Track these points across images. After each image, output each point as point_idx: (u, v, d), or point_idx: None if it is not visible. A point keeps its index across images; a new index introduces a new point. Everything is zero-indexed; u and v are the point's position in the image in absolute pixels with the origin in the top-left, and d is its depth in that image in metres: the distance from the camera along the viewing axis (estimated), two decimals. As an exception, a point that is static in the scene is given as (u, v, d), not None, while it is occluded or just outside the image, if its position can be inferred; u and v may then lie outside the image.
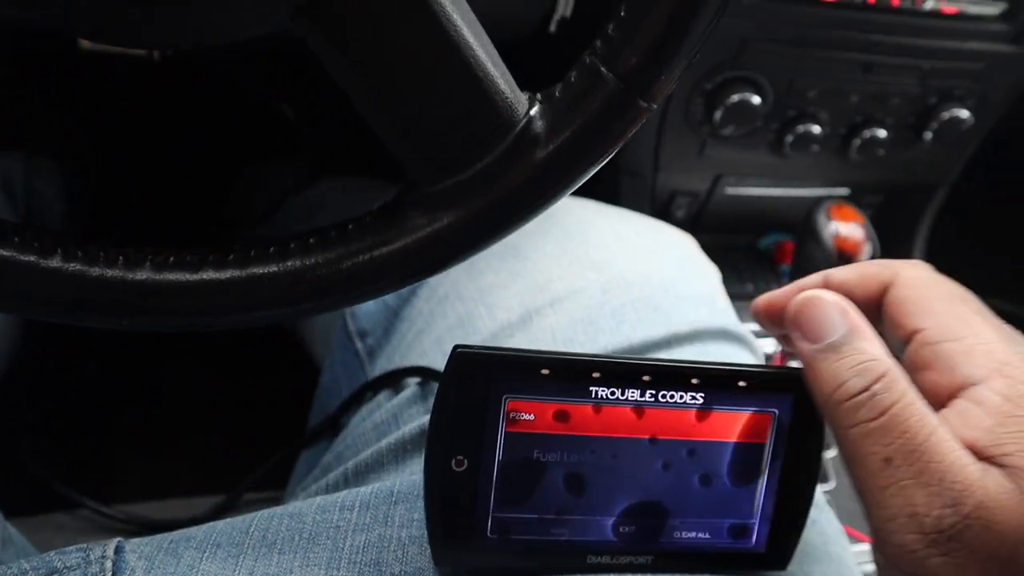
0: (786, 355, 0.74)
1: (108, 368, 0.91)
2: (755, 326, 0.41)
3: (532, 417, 0.34)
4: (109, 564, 0.34)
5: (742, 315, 0.54)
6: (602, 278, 0.50)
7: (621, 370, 0.34)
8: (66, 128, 0.85)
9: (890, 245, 0.89)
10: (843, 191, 0.80)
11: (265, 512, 0.37)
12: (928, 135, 0.72)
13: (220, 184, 0.99)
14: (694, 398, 0.35)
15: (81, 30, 0.32)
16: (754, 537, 0.37)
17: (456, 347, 0.33)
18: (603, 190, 0.60)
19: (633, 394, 0.34)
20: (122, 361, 0.91)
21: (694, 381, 0.35)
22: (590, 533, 0.36)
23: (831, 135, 0.71)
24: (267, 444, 0.62)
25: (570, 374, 0.34)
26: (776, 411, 0.35)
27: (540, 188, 0.34)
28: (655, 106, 0.33)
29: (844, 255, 0.61)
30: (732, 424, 0.35)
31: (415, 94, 0.31)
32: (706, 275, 0.56)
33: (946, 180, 0.82)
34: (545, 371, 0.33)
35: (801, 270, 0.65)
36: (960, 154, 0.79)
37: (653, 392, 0.34)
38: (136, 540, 0.36)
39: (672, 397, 0.35)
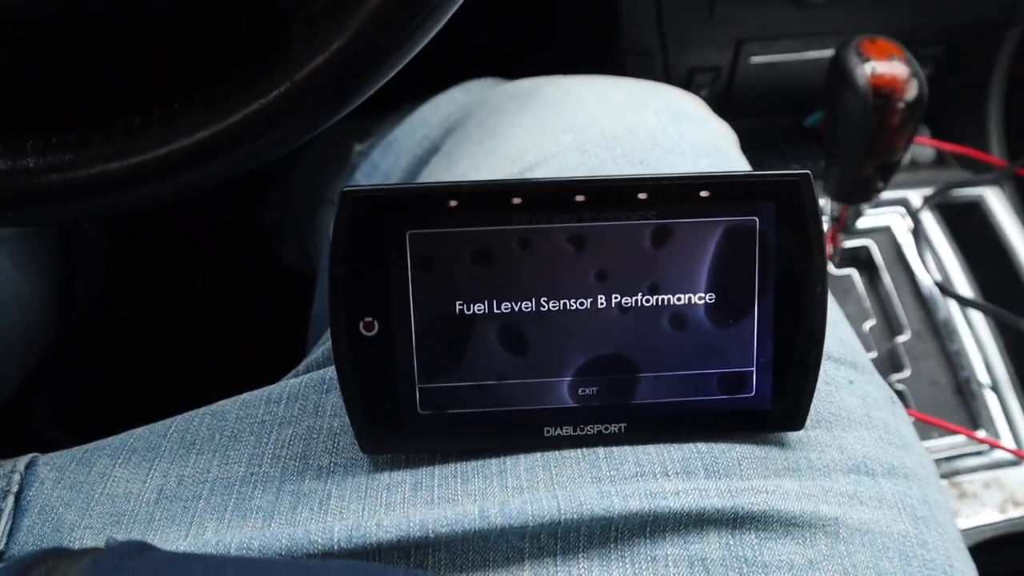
0: (837, 231, 0.66)
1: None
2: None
3: (446, 260, 0.29)
4: (17, 477, 0.33)
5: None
6: (580, 139, 0.46)
7: (547, 192, 0.29)
8: None
9: (959, 105, 0.79)
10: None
11: (188, 414, 0.35)
12: (980, -48, 0.63)
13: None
14: (645, 217, 0.29)
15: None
16: (753, 387, 0.32)
17: (344, 188, 0.28)
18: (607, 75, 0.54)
19: (567, 221, 0.29)
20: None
21: (641, 196, 0.29)
22: (543, 400, 0.31)
23: (861, -31, 0.63)
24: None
25: (484, 203, 0.29)
26: (756, 220, 0.29)
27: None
28: None
29: (883, 98, 0.54)
30: (701, 245, 0.30)
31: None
32: (711, 131, 0.50)
33: (1015, 14, 0.72)
34: (453, 202, 0.29)
35: (834, 121, 0.57)
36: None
37: (592, 216, 0.29)
38: (52, 454, 0.35)
39: (617, 219, 0.29)
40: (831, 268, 0.70)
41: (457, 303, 0.30)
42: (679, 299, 0.30)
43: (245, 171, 0.37)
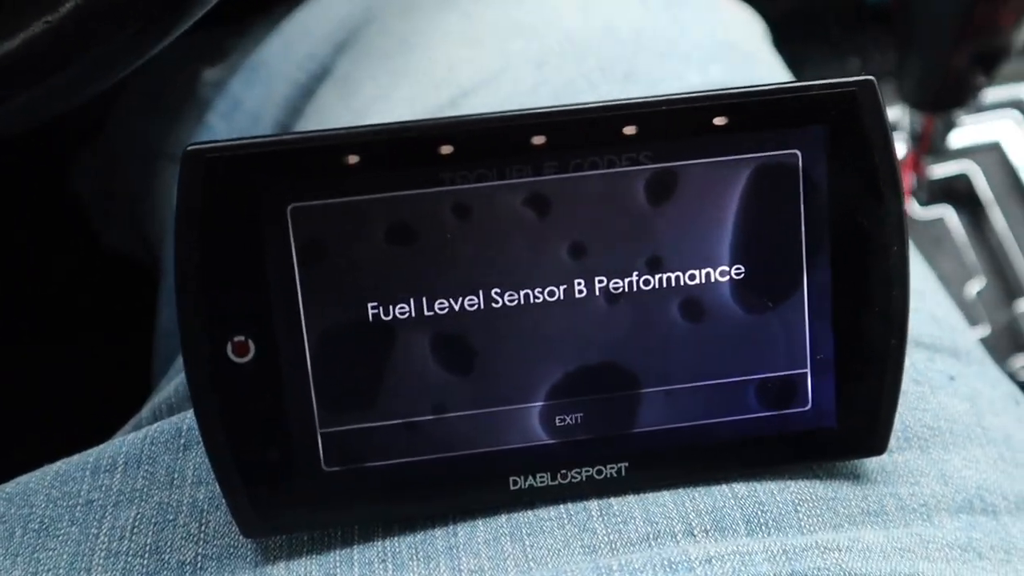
0: (920, 154, 0.68)
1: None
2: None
3: (348, 244, 0.30)
4: None
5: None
6: (535, 48, 0.47)
7: (489, 132, 0.30)
8: None
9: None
10: None
11: None
12: None
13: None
14: (636, 161, 0.30)
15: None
16: (808, 397, 0.33)
17: (187, 148, 0.29)
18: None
19: (522, 175, 0.30)
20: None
21: (628, 131, 0.30)
22: (505, 437, 0.32)
23: None
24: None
25: (399, 156, 0.29)
26: (799, 154, 0.30)
27: None
28: None
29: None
30: (721, 196, 0.31)
31: None
32: (724, 21, 0.51)
33: None
34: (352, 158, 0.29)
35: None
36: None
37: (557, 165, 0.30)
38: None
39: (595, 167, 0.30)
40: (914, 211, 0.71)
41: (369, 305, 0.30)
42: (692, 277, 0.31)
43: (40, 122, 0.37)
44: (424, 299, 0.30)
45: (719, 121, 0.30)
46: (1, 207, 0.94)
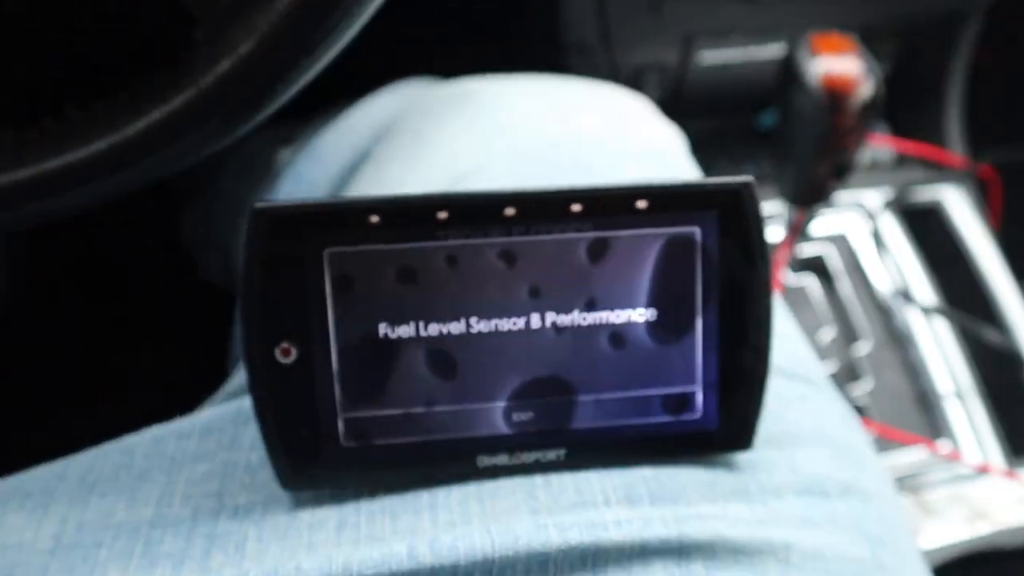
0: (792, 237, 0.67)
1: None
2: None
3: (368, 280, 0.29)
4: None
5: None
6: (516, 145, 0.46)
7: (474, 206, 0.29)
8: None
9: (918, 103, 0.82)
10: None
11: (90, 451, 0.35)
12: (932, -56, 0.65)
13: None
14: (580, 230, 0.29)
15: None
16: (699, 408, 0.32)
17: (255, 205, 0.28)
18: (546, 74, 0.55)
19: (496, 236, 0.29)
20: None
21: (575, 208, 0.30)
22: (476, 427, 0.31)
23: (811, -38, 0.64)
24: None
25: (408, 219, 0.29)
26: (697, 231, 0.30)
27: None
28: None
29: (835, 97, 0.55)
30: (641, 258, 0.31)
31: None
32: (657, 134, 0.50)
33: (975, 6, 0.75)
34: (374, 218, 0.29)
35: (786, 121, 0.59)
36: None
37: (523, 230, 0.29)
38: None
39: (550, 233, 0.29)
40: (787, 276, 0.71)
41: (381, 326, 0.30)
42: (618, 316, 0.31)
43: (159, 181, 0.36)
44: (421, 323, 0.30)
45: (641, 204, 0.30)
46: (129, 243, 0.94)
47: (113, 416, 0.42)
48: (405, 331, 0.30)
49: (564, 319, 0.30)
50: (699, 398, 0.32)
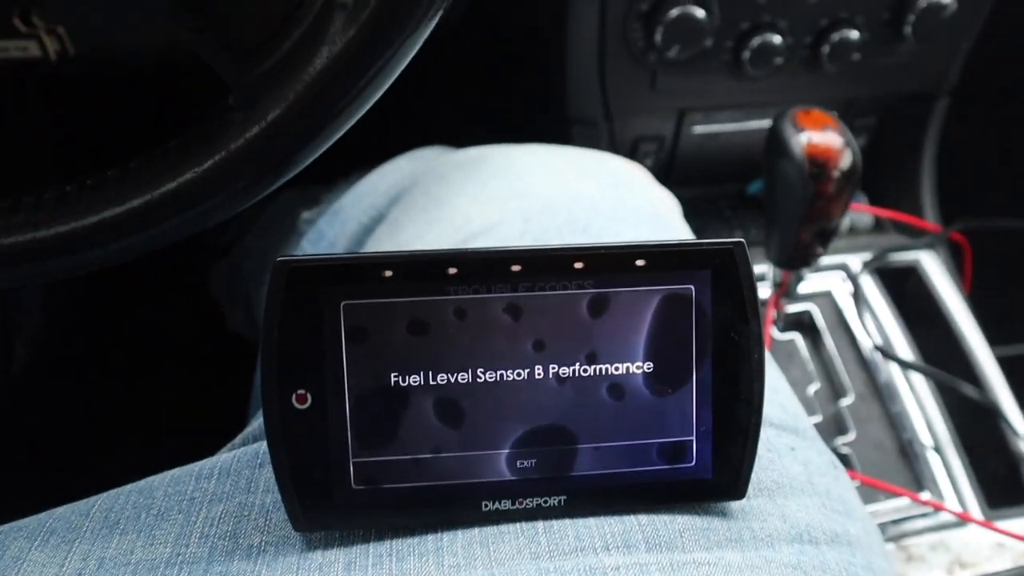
0: (779, 297, 0.67)
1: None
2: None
3: (381, 331, 0.29)
4: None
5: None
6: (523, 206, 0.46)
7: (481, 262, 0.29)
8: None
9: (894, 173, 0.82)
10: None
11: (113, 491, 0.34)
12: (908, 30, 0.65)
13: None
14: (581, 286, 0.29)
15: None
16: (693, 456, 0.31)
17: (278, 259, 0.28)
18: (553, 143, 0.55)
19: (503, 291, 0.29)
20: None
21: (578, 266, 0.29)
22: (481, 473, 0.30)
23: (796, 45, 0.65)
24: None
25: (419, 273, 0.29)
26: (692, 288, 0.29)
27: (361, 59, 0.29)
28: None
29: (818, 167, 0.55)
30: (639, 313, 0.30)
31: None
32: (653, 198, 0.50)
33: (944, 87, 0.75)
34: (388, 272, 0.28)
35: (773, 189, 0.59)
36: (953, 53, 0.72)
37: (528, 286, 0.29)
38: None
39: (553, 289, 0.29)
40: (775, 333, 0.70)
41: (392, 375, 0.29)
42: (617, 368, 0.30)
43: (189, 236, 0.36)
44: (430, 373, 0.29)
45: (640, 263, 0.29)
46: (158, 295, 0.93)
47: (138, 459, 0.41)
48: (415, 380, 0.29)
49: (566, 370, 0.30)
50: (694, 448, 0.31)
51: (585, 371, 0.30)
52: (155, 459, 0.39)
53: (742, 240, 0.30)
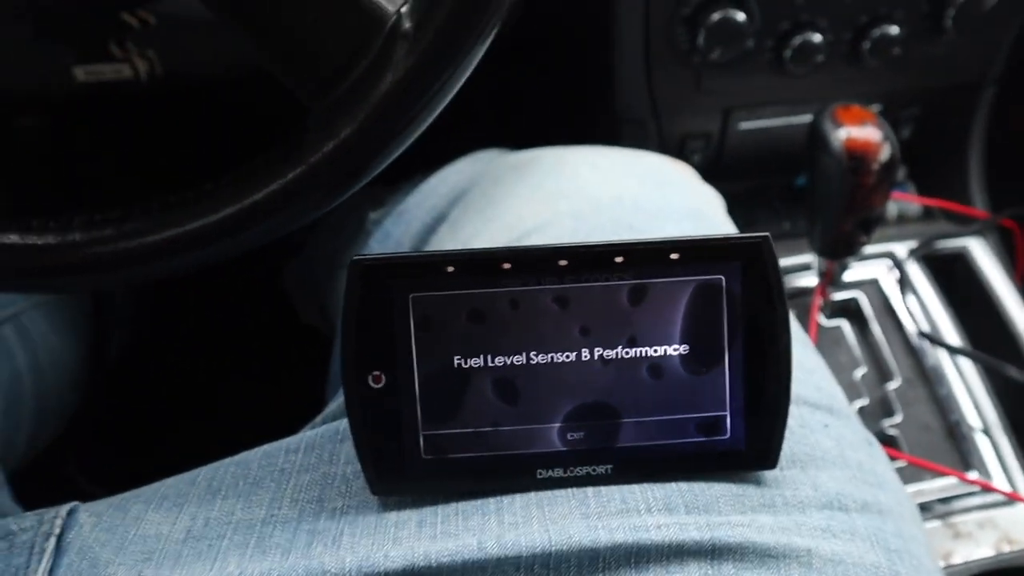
0: (825, 285, 0.69)
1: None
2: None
3: (444, 319, 0.32)
4: (59, 523, 0.35)
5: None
6: (573, 207, 0.48)
7: (532, 258, 0.32)
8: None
9: (942, 162, 0.82)
10: (873, 108, 0.75)
11: (214, 464, 0.38)
12: (948, 23, 0.66)
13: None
14: (622, 278, 0.32)
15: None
16: (727, 430, 0.34)
17: (353, 258, 0.32)
18: (604, 143, 0.58)
19: (551, 283, 0.32)
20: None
21: (618, 260, 0.32)
22: (535, 444, 0.33)
23: (836, 42, 0.67)
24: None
25: (477, 268, 0.32)
26: (723, 278, 0.32)
27: (422, 82, 0.33)
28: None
29: (857, 160, 0.57)
30: (674, 301, 0.33)
31: (288, 11, 0.32)
32: (695, 195, 0.53)
33: (988, 77, 0.76)
34: (450, 268, 0.32)
35: (815, 183, 0.61)
36: (997, 41, 0.72)
37: (574, 278, 0.32)
38: (91, 503, 0.37)
39: (596, 281, 0.32)
40: (821, 319, 0.72)
41: (455, 358, 0.32)
42: (655, 351, 0.33)
43: (268, 242, 0.40)
44: (489, 356, 0.32)
45: (674, 256, 0.32)
46: (237, 293, 0.99)
47: (230, 438, 0.46)
48: (475, 362, 0.32)
49: (609, 353, 0.33)
50: (728, 422, 0.34)
51: (627, 353, 0.33)
52: (236, 439, 0.43)
53: (767, 234, 0.32)
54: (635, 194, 0.49)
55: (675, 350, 0.33)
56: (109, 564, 0.33)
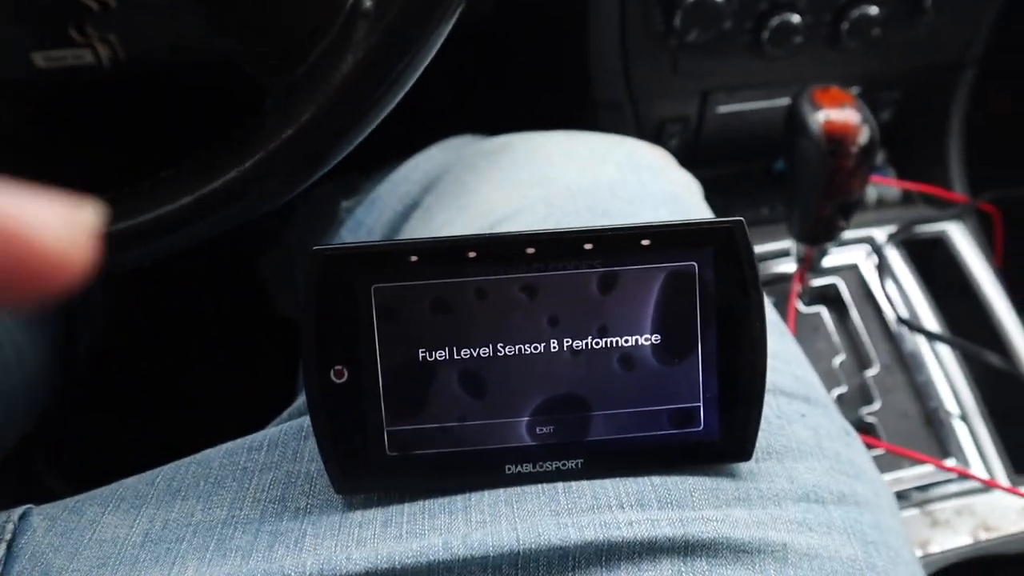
0: (803, 271, 0.68)
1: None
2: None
3: (408, 311, 0.31)
4: (11, 527, 0.34)
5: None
6: (546, 193, 0.48)
7: (498, 246, 0.31)
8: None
9: (921, 145, 0.82)
10: (852, 91, 0.74)
11: (175, 463, 0.37)
12: (927, 3, 0.66)
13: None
14: (591, 265, 0.31)
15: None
16: (701, 421, 0.33)
17: (313, 248, 0.30)
18: (580, 128, 0.56)
19: (519, 272, 0.31)
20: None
21: (587, 247, 0.31)
22: (503, 439, 0.33)
23: (815, 23, 0.66)
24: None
25: (442, 257, 0.31)
26: (695, 265, 0.31)
27: (384, 63, 0.32)
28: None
29: (835, 143, 0.56)
30: (645, 289, 0.32)
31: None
32: (672, 181, 0.52)
33: (968, 57, 0.75)
34: (413, 257, 0.31)
35: (793, 167, 0.60)
36: (976, 21, 0.72)
37: (542, 266, 0.31)
38: (45, 505, 0.36)
39: (565, 269, 0.31)
40: (800, 306, 0.71)
41: (420, 350, 0.31)
42: (627, 341, 0.32)
43: (237, 227, 0.39)
44: (455, 348, 0.31)
45: (645, 242, 0.31)
46: (211, 284, 0.97)
47: (195, 433, 0.45)
48: (441, 355, 0.31)
49: (579, 344, 0.32)
50: (701, 413, 0.33)
51: (597, 344, 0.32)
52: (210, 433, 0.42)
53: (741, 219, 0.31)
54: (611, 180, 0.48)
55: (647, 340, 0.32)
56: (63, 571, 0.32)
